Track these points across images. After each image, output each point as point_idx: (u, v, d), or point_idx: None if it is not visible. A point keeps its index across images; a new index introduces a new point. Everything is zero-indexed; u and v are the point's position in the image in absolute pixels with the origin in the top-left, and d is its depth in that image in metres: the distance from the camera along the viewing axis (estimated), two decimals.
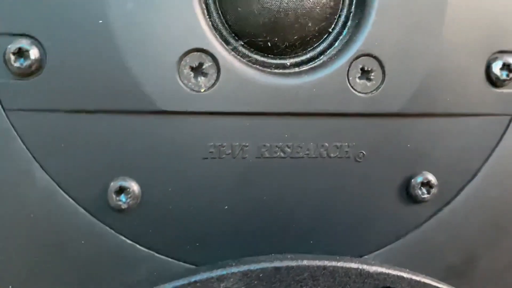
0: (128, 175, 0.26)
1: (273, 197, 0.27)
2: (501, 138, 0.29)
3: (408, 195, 0.29)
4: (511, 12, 0.28)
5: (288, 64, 0.27)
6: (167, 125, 0.26)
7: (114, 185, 0.26)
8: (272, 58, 0.27)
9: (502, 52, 0.28)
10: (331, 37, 0.28)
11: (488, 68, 0.28)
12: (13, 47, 0.24)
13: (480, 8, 0.28)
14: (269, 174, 0.27)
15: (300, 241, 0.28)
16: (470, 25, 0.28)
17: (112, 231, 0.26)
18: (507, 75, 0.28)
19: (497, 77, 0.28)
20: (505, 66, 0.28)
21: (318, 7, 0.26)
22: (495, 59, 0.28)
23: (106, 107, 0.25)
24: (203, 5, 0.26)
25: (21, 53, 0.24)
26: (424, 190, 0.29)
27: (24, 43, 0.24)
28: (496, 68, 0.28)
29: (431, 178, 0.29)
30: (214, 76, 0.25)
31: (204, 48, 0.25)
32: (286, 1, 0.26)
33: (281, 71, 0.27)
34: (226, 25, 0.26)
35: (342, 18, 0.28)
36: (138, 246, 0.27)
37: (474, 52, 0.28)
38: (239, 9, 0.26)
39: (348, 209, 0.28)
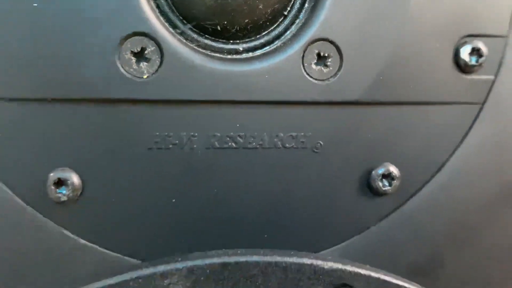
0: (68, 166, 0.25)
1: (224, 190, 0.26)
2: (470, 128, 0.28)
3: (369, 187, 0.28)
4: None
5: (241, 49, 0.26)
6: (109, 113, 0.25)
7: (53, 176, 0.25)
8: (224, 43, 0.26)
9: (471, 36, 0.27)
10: (287, 21, 0.26)
11: (456, 53, 0.27)
12: None
13: None
14: (220, 165, 0.26)
15: (253, 237, 0.27)
16: (437, 7, 0.26)
17: (53, 224, 0.25)
18: (477, 61, 0.27)
19: (466, 63, 0.27)
20: (475, 51, 0.27)
21: None
22: (463, 43, 0.27)
23: (42, 95, 0.24)
24: None
25: None
26: (385, 182, 0.27)
27: None
28: (465, 53, 0.27)
29: (393, 169, 0.27)
30: (158, 61, 0.24)
31: (146, 31, 0.24)
32: None
33: (232, 56, 0.26)
34: (173, 7, 0.25)
35: (299, 0, 0.26)
36: (80, 239, 0.26)
37: (441, 36, 0.27)
38: None
39: (305, 202, 0.27)
